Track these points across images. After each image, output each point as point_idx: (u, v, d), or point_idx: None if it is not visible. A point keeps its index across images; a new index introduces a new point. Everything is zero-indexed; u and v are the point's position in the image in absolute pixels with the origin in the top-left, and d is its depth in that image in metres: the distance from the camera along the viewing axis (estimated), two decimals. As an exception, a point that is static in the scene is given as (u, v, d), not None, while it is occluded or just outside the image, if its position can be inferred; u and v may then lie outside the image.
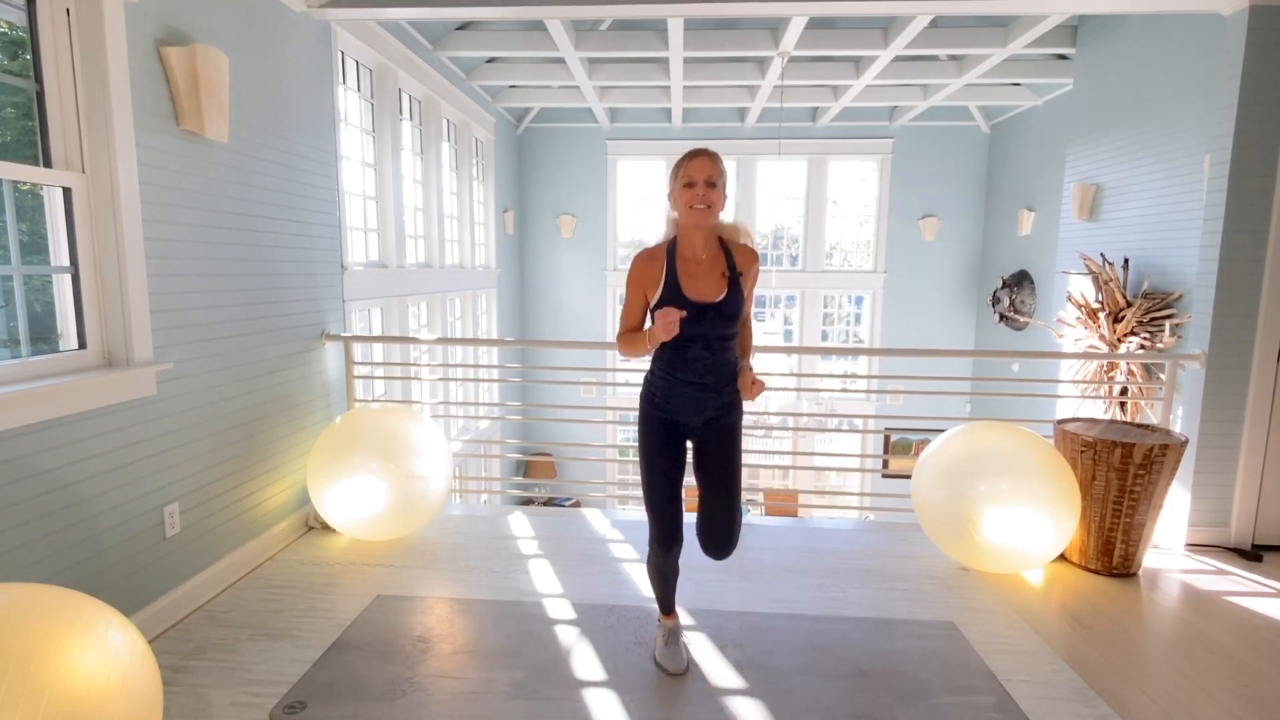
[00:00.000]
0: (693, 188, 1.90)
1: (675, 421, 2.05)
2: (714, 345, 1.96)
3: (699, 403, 2.01)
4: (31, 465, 1.92)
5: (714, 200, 1.90)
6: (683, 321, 1.89)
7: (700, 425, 2.04)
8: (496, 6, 3.21)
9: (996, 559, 2.75)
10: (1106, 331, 4.22)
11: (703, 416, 2.02)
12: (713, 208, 1.90)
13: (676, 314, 1.85)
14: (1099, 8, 3.80)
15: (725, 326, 1.96)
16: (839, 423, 8.68)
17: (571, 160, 8.74)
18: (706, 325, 1.93)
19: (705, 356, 1.96)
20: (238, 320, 2.73)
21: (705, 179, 1.89)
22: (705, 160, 1.91)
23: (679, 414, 2.03)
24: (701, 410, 2.02)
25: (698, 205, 1.89)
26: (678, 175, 1.94)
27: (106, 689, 1.37)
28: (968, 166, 8.43)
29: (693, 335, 1.94)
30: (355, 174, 4.74)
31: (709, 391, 2.00)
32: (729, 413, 2.05)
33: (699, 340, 1.95)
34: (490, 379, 5.71)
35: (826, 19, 5.47)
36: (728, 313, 1.94)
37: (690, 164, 1.92)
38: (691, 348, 1.96)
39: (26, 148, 2.07)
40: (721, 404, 2.03)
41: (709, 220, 1.92)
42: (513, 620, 2.44)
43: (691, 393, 2.00)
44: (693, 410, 2.02)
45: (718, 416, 2.03)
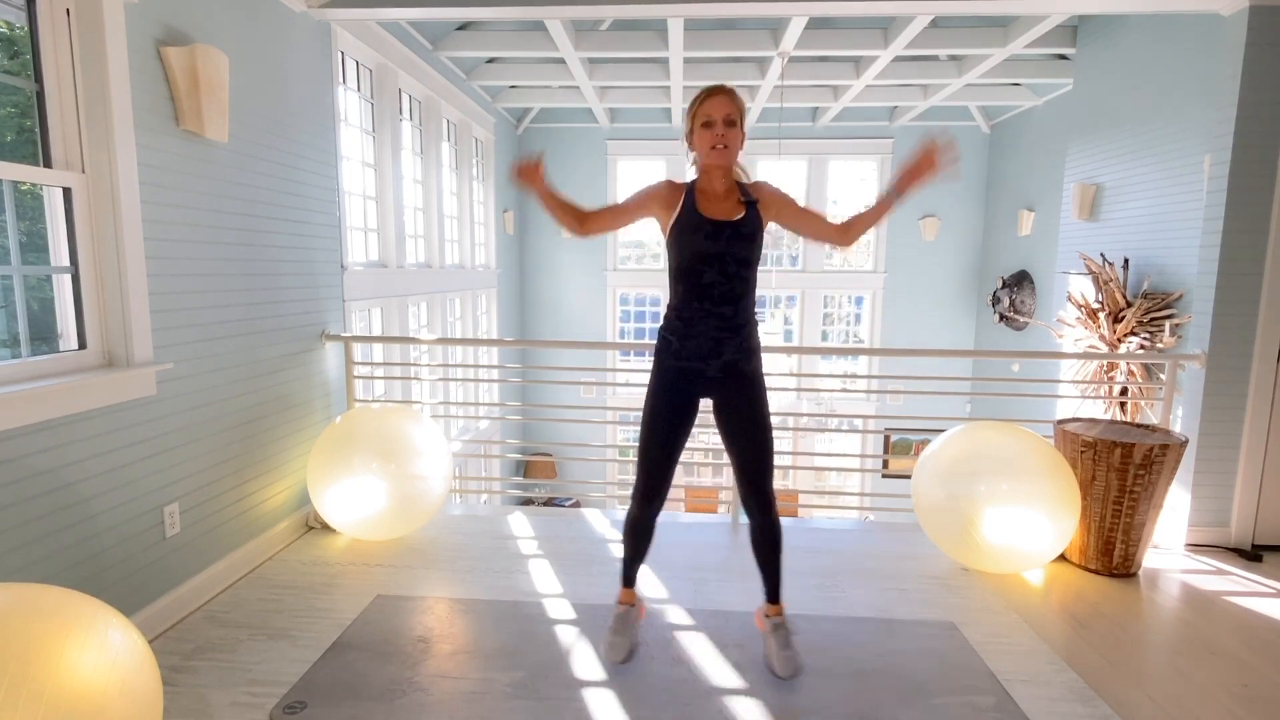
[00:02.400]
0: (711, 127, 1.88)
1: (691, 372, 1.99)
2: (730, 270, 1.92)
3: (717, 344, 1.96)
4: (31, 465, 1.92)
5: (732, 140, 1.88)
6: (700, 238, 1.89)
7: (719, 373, 1.98)
8: (496, 6, 3.21)
9: (996, 559, 2.75)
10: (1106, 331, 4.23)
11: (720, 360, 1.97)
12: (730, 148, 1.89)
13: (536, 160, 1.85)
14: (1099, 8, 3.80)
15: (742, 247, 1.92)
16: (839, 423, 8.68)
17: (571, 160, 8.74)
18: (723, 243, 1.90)
19: (721, 282, 1.92)
20: (238, 320, 2.73)
21: (724, 118, 1.87)
22: (723, 98, 1.88)
23: (695, 358, 1.98)
24: (719, 351, 1.96)
25: (717, 145, 1.87)
26: (695, 114, 1.91)
27: (106, 689, 1.37)
28: (968, 166, 8.43)
29: (709, 254, 1.90)
30: (355, 174, 4.74)
31: (726, 328, 1.95)
32: (748, 359, 2.00)
33: (715, 262, 1.91)
34: (490, 379, 5.72)
35: (826, 19, 5.47)
36: (745, 232, 1.92)
37: (708, 102, 1.89)
38: (707, 271, 1.92)
39: (26, 148, 2.07)
40: (741, 347, 1.98)
41: (729, 160, 1.91)
42: (513, 620, 2.44)
43: (709, 328, 1.94)
44: (710, 352, 1.96)
45: (736, 361, 1.98)
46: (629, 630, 2.19)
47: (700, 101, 1.91)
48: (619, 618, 2.21)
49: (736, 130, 1.89)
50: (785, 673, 2.07)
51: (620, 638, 2.16)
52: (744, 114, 1.92)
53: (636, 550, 2.20)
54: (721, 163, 1.91)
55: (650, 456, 2.05)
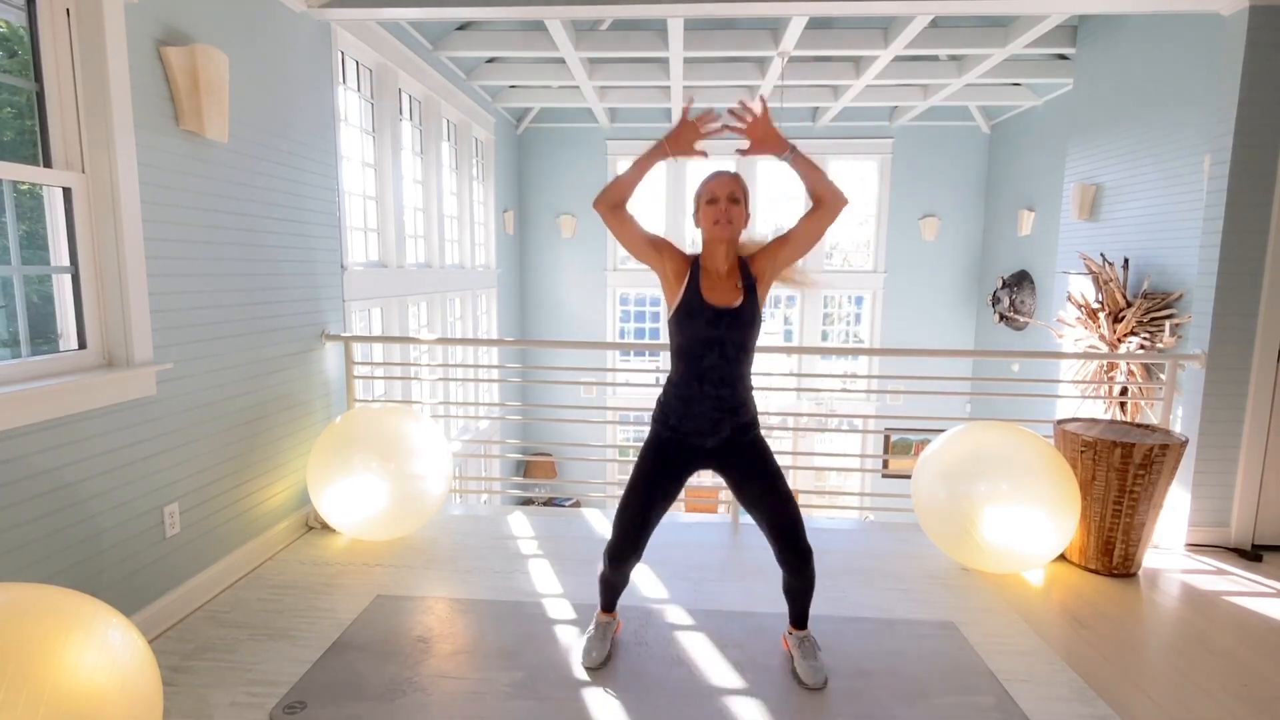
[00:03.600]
0: (715, 204, 1.95)
1: (687, 445, 2.03)
2: (729, 354, 1.96)
3: (715, 423, 2.00)
4: (32, 465, 1.92)
5: (735, 216, 1.95)
6: (700, 324, 1.94)
7: (718, 446, 2.02)
8: (496, 6, 3.21)
9: (997, 559, 2.75)
10: (1106, 331, 4.23)
11: (718, 437, 2.01)
12: (734, 223, 1.95)
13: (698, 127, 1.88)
14: (1099, 8, 3.80)
15: (741, 334, 1.96)
16: (839, 423, 8.69)
17: (571, 160, 8.74)
18: (723, 330, 1.95)
19: (721, 365, 1.97)
20: (238, 320, 2.73)
21: (728, 195, 1.94)
22: (727, 178, 1.96)
23: (694, 434, 2.02)
24: (717, 430, 2.01)
25: (720, 220, 1.94)
26: (700, 195, 1.99)
27: (106, 689, 1.37)
28: (968, 166, 8.43)
29: (709, 340, 1.95)
30: (355, 174, 4.74)
31: (723, 408, 1.99)
32: (747, 431, 2.04)
33: (715, 347, 1.96)
34: (490, 379, 5.72)
35: (826, 19, 5.47)
36: (744, 319, 1.96)
37: (713, 182, 1.97)
38: (707, 355, 1.96)
39: (26, 148, 2.07)
40: (738, 424, 2.02)
41: (730, 235, 1.96)
42: (513, 620, 2.44)
43: (708, 406, 1.98)
44: (709, 430, 2.01)
45: (734, 436, 2.02)
46: (607, 639, 2.24)
47: (706, 182, 1.99)
48: (600, 626, 2.26)
49: (740, 207, 1.95)
50: (811, 681, 2.08)
51: (600, 644, 2.21)
52: (748, 195, 1.98)
53: (612, 593, 2.25)
54: (724, 237, 1.96)
55: (628, 517, 2.06)
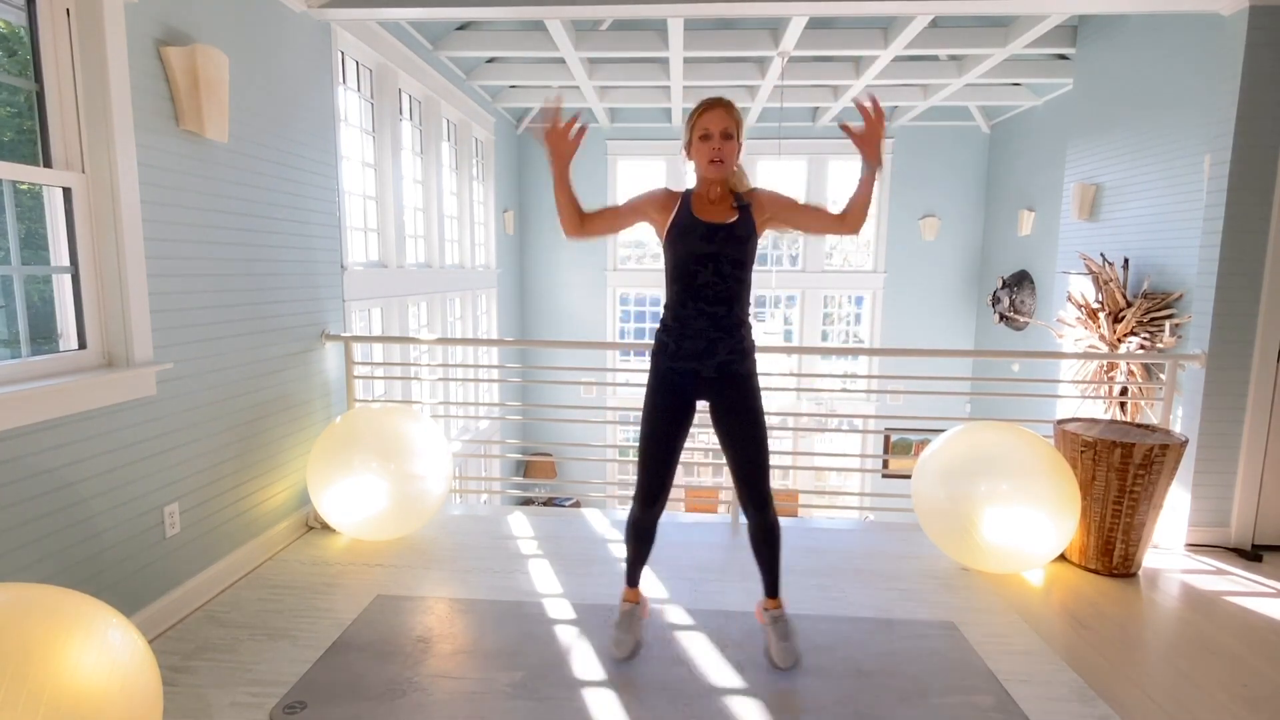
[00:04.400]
0: (708, 140, 1.93)
1: (687, 373, 2.02)
2: (724, 270, 1.96)
3: (711, 343, 1.99)
4: (31, 465, 1.92)
5: (728, 152, 1.93)
6: (694, 239, 1.93)
7: (714, 374, 2.01)
8: (496, 6, 3.21)
9: (997, 559, 2.75)
10: (1106, 331, 4.23)
11: (715, 360, 2.00)
12: (726, 160, 1.94)
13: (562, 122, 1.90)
14: (1099, 8, 3.80)
15: (736, 248, 1.96)
16: (839, 423, 8.68)
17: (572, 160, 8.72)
18: (717, 244, 1.94)
19: (715, 283, 1.96)
20: (238, 320, 2.73)
21: (721, 131, 1.92)
22: (720, 111, 1.93)
23: (691, 359, 2.01)
24: (713, 351, 1.99)
25: (714, 159, 1.92)
26: (693, 127, 1.95)
27: (106, 689, 1.37)
28: (968, 166, 8.43)
29: (704, 255, 1.95)
30: (355, 174, 4.74)
31: (720, 328, 1.98)
32: (742, 360, 2.03)
33: (709, 263, 1.95)
34: (490, 379, 5.71)
35: (826, 19, 5.47)
36: (738, 234, 1.96)
37: (706, 115, 1.93)
38: (701, 272, 1.96)
39: (26, 148, 2.07)
40: (734, 348, 2.01)
41: (724, 172, 1.96)
42: (513, 620, 2.44)
43: (704, 324, 1.98)
44: (704, 352, 2.00)
45: (730, 362, 2.01)
46: (634, 627, 2.22)
47: (698, 114, 1.95)
48: (625, 614, 2.24)
49: (733, 143, 1.94)
50: (783, 663, 2.11)
51: (626, 634, 2.20)
52: (741, 126, 1.96)
53: (639, 552, 2.23)
54: (718, 175, 1.96)
55: (650, 458, 2.07)
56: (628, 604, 2.26)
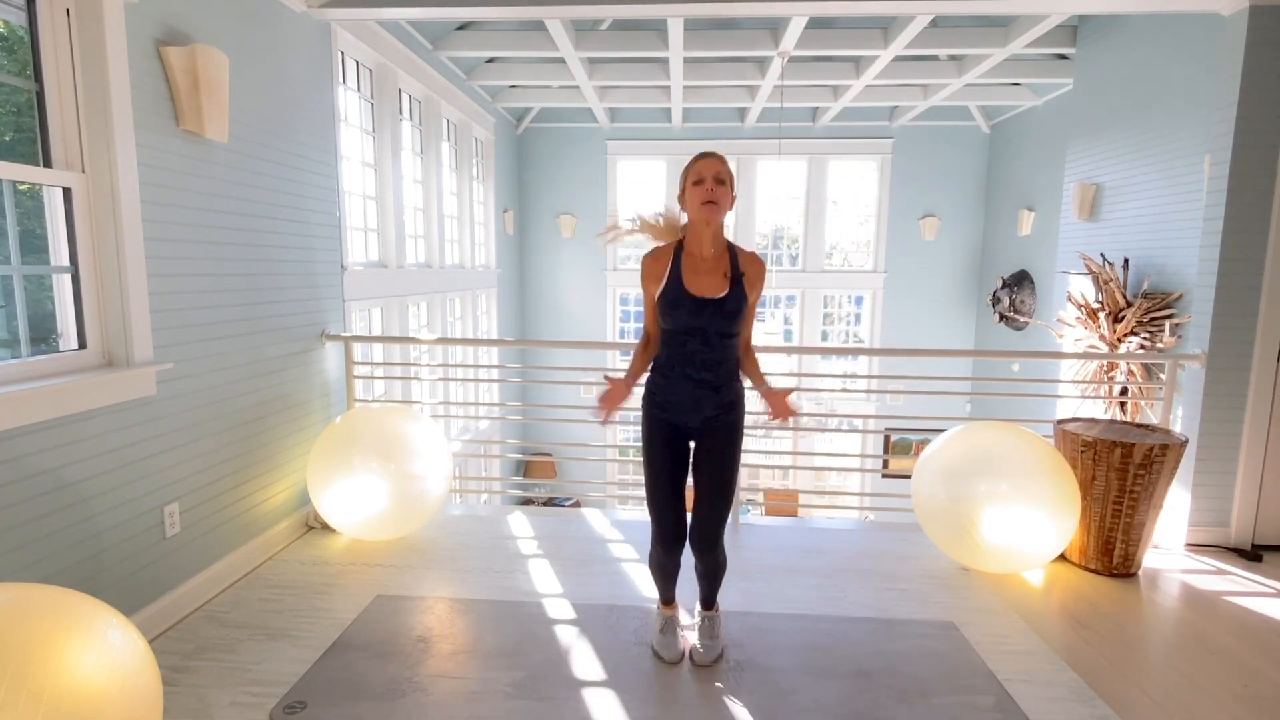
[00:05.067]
0: (701, 184, 1.96)
1: (676, 422, 2.08)
2: (712, 340, 1.99)
3: (697, 401, 2.03)
4: (32, 465, 1.92)
5: (721, 197, 1.96)
6: (683, 314, 1.97)
7: (699, 425, 2.06)
8: (496, 6, 3.21)
9: (996, 559, 2.75)
10: (1106, 331, 4.23)
11: (700, 416, 2.05)
12: (720, 204, 1.96)
13: (617, 397, 2.01)
14: (1099, 8, 3.80)
15: (725, 323, 1.99)
16: (839, 423, 8.68)
17: (571, 160, 8.74)
18: (706, 319, 1.97)
19: (704, 351, 1.99)
20: (238, 320, 2.73)
21: (714, 176, 1.96)
22: (713, 159, 1.98)
23: (677, 413, 2.06)
24: (699, 409, 2.04)
25: (708, 200, 1.95)
26: (687, 175, 2.00)
27: (106, 689, 1.37)
28: (968, 166, 8.43)
29: (691, 328, 1.98)
30: (355, 174, 4.74)
31: (706, 389, 2.02)
32: (728, 412, 2.07)
33: (697, 334, 1.99)
34: (490, 379, 5.71)
35: (826, 19, 5.47)
36: (728, 310, 1.98)
37: (699, 163, 1.99)
38: (690, 342, 1.99)
39: (26, 148, 2.07)
40: (720, 403, 2.05)
41: (718, 217, 1.98)
42: (513, 620, 2.44)
43: (689, 389, 2.02)
44: (690, 409, 2.04)
45: (716, 416, 2.06)
46: (678, 631, 2.27)
47: (691, 164, 2.01)
48: (666, 620, 2.28)
49: (725, 189, 1.97)
50: (700, 660, 2.16)
51: (673, 638, 2.24)
52: (733, 178, 2.01)
53: (668, 580, 2.27)
54: (710, 218, 1.97)
55: (659, 498, 2.10)
56: (667, 612, 2.30)
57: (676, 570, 2.22)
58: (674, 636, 2.24)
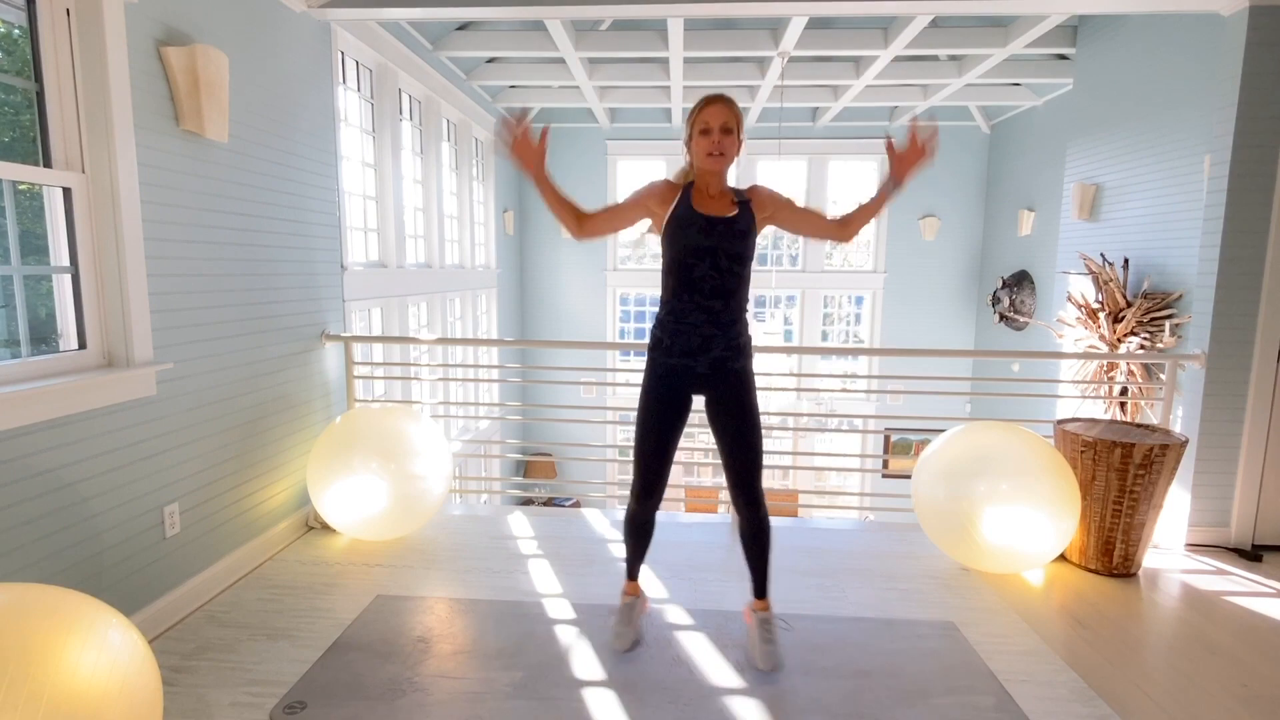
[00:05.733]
0: (708, 134, 1.94)
1: (681, 369, 2.02)
2: (722, 265, 1.96)
3: (706, 339, 1.99)
4: (31, 465, 1.92)
5: (728, 146, 1.94)
6: (693, 232, 1.94)
7: (708, 369, 2.02)
8: (496, 6, 3.22)
9: (996, 559, 2.75)
10: (1106, 331, 4.23)
11: (709, 356, 2.00)
12: (726, 154, 1.94)
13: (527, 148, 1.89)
14: (1099, 8, 3.80)
15: (735, 243, 1.96)
16: (839, 423, 8.68)
17: (571, 160, 8.74)
18: (716, 238, 1.95)
19: (712, 276, 1.96)
20: (238, 320, 2.74)
21: (721, 125, 1.93)
22: (721, 107, 1.94)
23: (685, 354, 2.01)
24: (708, 348, 2.00)
25: (714, 152, 1.93)
26: (694, 122, 1.97)
27: (106, 689, 1.37)
28: (968, 166, 8.43)
29: (702, 248, 1.95)
30: (355, 174, 4.74)
31: (716, 323, 1.99)
32: (738, 356, 2.03)
33: (707, 256, 1.95)
34: (490, 379, 5.72)
35: (826, 19, 5.47)
36: (738, 228, 1.96)
37: (706, 110, 1.95)
38: (699, 265, 1.96)
39: (26, 148, 2.07)
40: (729, 344, 2.01)
41: (724, 166, 1.97)
42: (513, 620, 2.44)
43: (699, 321, 1.98)
44: (699, 348, 2.00)
45: (725, 359, 2.01)
46: (634, 620, 2.24)
47: (699, 109, 1.96)
48: (625, 608, 2.25)
49: (733, 138, 1.95)
50: (765, 666, 2.10)
51: (626, 627, 2.21)
52: (741, 122, 1.97)
53: (638, 546, 2.25)
54: (717, 168, 1.97)
55: (645, 452, 2.09)
56: (628, 597, 2.28)
57: (649, 533, 2.21)
58: (628, 626, 2.20)
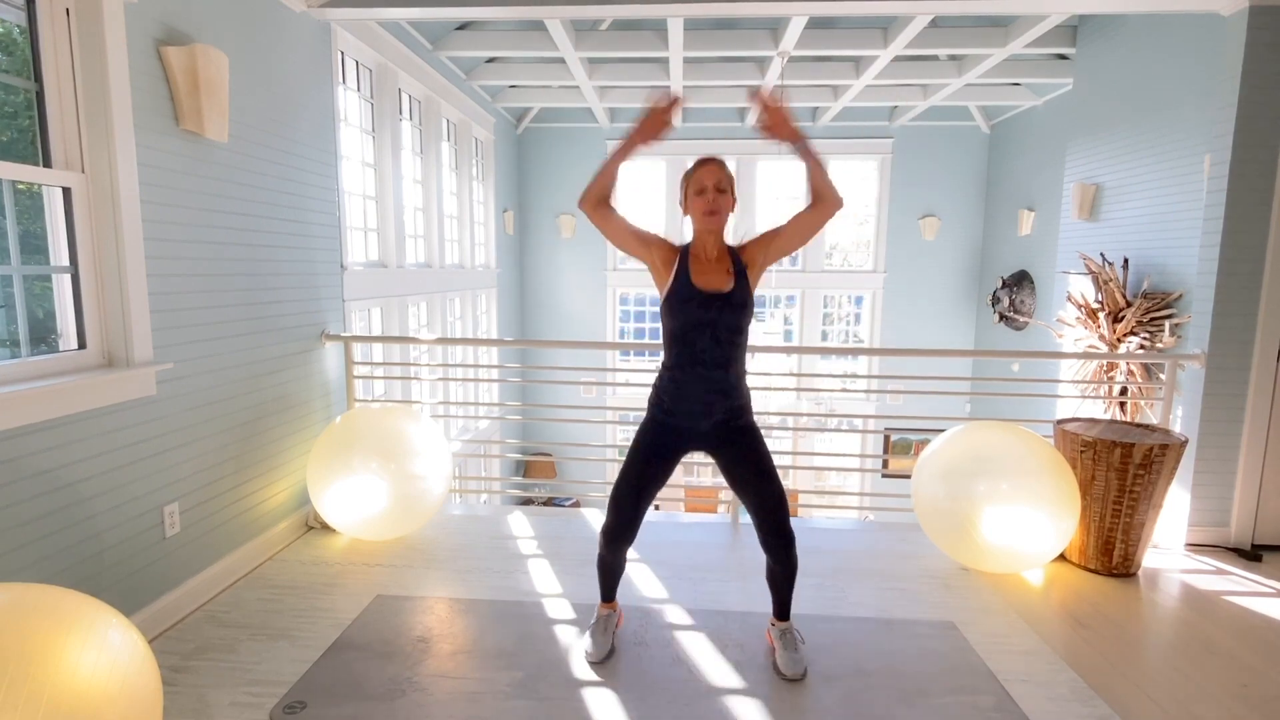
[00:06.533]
0: (704, 195, 2.00)
1: (681, 429, 2.06)
2: (722, 338, 1.99)
3: (708, 405, 2.03)
4: (32, 465, 1.92)
5: (723, 205, 2.00)
6: (693, 307, 1.97)
7: (710, 431, 2.05)
8: (496, 6, 3.21)
9: (996, 559, 2.75)
10: (1106, 331, 4.22)
11: (711, 420, 2.04)
12: (721, 212, 2.00)
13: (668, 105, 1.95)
14: (1099, 8, 3.80)
15: (733, 316, 1.99)
16: (839, 423, 8.68)
17: (571, 160, 8.74)
18: (714, 313, 1.98)
19: (713, 349, 1.99)
20: (238, 320, 2.73)
21: (715, 185, 1.99)
22: (713, 168, 2.01)
23: (687, 417, 2.05)
24: (710, 413, 2.03)
25: (710, 211, 1.99)
26: (688, 183, 2.03)
27: (106, 689, 1.37)
28: (968, 166, 8.43)
29: (701, 323, 1.98)
30: (355, 174, 4.74)
31: (717, 390, 2.02)
32: (739, 416, 2.07)
33: (707, 330, 1.99)
34: (490, 379, 5.72)
35: (826, 19, 5.47)
36: (735, 302, 1.99)
37: (700, 172, 2.01)
38: (700, 339, 1.99)
39: (26, 147, 2.07)
40: (731, 407, 2.04)
41: (720, 224, 2.01)
42: (513, 620, 2.44)
43: (700, 390, 2.01)
44: (701, 413, 2.03)
45: (728, 420, 2.05)
46: (609, 631, 2.26)
47: (692, 172, 2.02)
48: (601, 619, 2.28)
49: (727, 196, 2.01)
50: (789, 672, 2.11)
51: (601, 638, 2.23)
52: (733, 182, 2.04)
53: (611, 578, 2.28)
54: (714, 227, 2.01)
55: (622, 496, 2.10)
56: (605, 609, 2.30)
57: (621, 570, 2.26)
58: (601, 636, 2.23)
